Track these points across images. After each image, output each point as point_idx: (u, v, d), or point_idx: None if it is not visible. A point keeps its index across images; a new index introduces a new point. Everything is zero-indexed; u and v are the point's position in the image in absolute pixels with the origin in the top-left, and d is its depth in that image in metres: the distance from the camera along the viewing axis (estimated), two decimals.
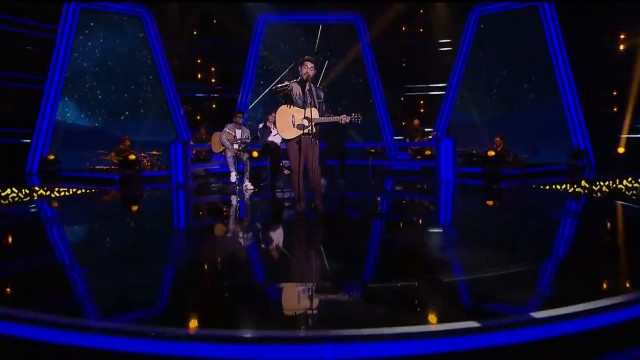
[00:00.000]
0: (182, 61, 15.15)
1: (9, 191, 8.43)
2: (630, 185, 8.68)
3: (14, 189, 8.60)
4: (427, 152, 12.37)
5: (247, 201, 7.61)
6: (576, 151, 11.77)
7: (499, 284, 3.04)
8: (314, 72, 5.29)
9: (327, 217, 5.51)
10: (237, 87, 14.93)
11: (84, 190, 9.15)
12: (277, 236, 4.91)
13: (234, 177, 8.85)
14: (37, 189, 9.09)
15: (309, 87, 5.19)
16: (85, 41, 13.58)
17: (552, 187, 8.56)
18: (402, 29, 16.00)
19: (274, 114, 6.87)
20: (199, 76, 16.08)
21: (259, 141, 9.03)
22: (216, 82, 16.19)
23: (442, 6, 14.95)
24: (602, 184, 8.74)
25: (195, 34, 15.35)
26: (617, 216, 5.93)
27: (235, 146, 8.77)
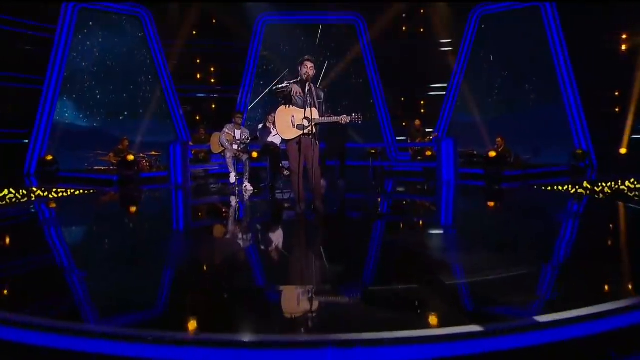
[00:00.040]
0: (181, 61, 15.10)
1: (7, 192, 8.38)
2: (632, 186, 8.62)
3: (12, 190, 8.55)
4: (428, 153, 12.33)
5: (247, 202, 7.58)
6: (578, 152, 11.72)
7: (502, 286, 3.01)
8: (314, 72, 5.27)
9: (327, 219, 5.48)
10: (237, 88, 14.89)
11: (82, 191, 9.11)
12: (277, 238, 4.88)
13: (233, 178, 8.83)
14: (34, 189, 9.03)
15: (309, 87, 5.16)
16: (84, 41, 13.56)
17: (553, 188, 8.50)
18: (403, 28, 15.97)
19: (273, 114, 6.86)
20: (198, 76, 16.04)
21: (259, 142, 9.01)
22: (215, 82, 16.15)
23: (443, 6, 14.90)
24: (604, 185, 8.69)
25: (194, 33, 15.30)
26: (620, 218, 5.89)
27: (234, 147, 8.74)
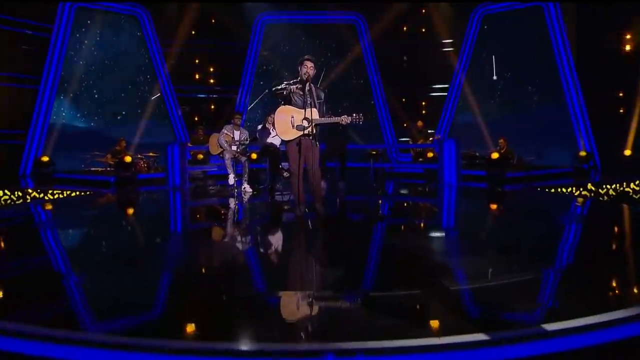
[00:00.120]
0: (180, 61, 15.03)
1: (1, 193, 8.30)
2: (637, 188, 8.50)
3: (7, 191, 8.50)
4: (430, 155, 12.24)
5: (246, 204, 7.52)
6: (581, 154, 11.63)
7: (507, 292, 2.93)
8: (314, 72, 5.23)
9: (327, 221, 5.42)
10: (236, 88, 14.82)
11: (78, 192, 9.04)
12: (276, 241, 4.82)
13: (232, 180, 8.79)
14: (30, 191, 8.97)
15: (309, 88, 5.13)
16: (81, 41, 13.48)
17: (557, 190, 8.41)
18: (404, 29, 15.89)
19: (273, 115, 6.74)
20: (197, 77, 15.98)
21: (258, 143, 8.96)
22: (214, 82, 16.09)
23: (445, 6, 14.82)
24: (608, 187, 8.58)
25: (193, 33, 15.22)
26: (627, 221, 5.80)
27: (233, 148, 8.71)
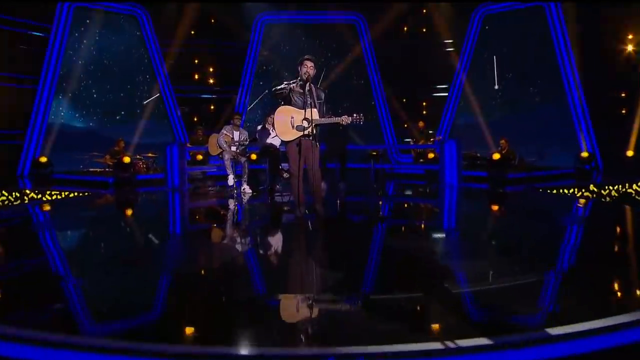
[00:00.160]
0: (179, 61, 14.97)
1: None
2: None
3: (4, 192, 8.46)
4: (431, 155, 12.16)
5: (245, 205, 7.48)
6: (583, 154, 11.56)
7: (510, 295, 2.89)
8: (314, 72, 5.19)
9: (327, 222, 5.38)
10: (236, 88, 14.76)
11: (76, 193, 8.99)
12: (276, 242, 4.78)
13: (231, 181, 8.76)
14: (28, 192, 8.91)
15: (309, 88, 5.08)
16: (80, 41, 13.41)
17: (559, 191, 8.34)
18: (404, 29, 15.83)
19: (272, 116, 6.67)
20: (197, 77, 15.91)
21: (258, 143, 8.92)
22: (214, 83, 16.02)
23: (445, 6, 14.75)
24: (611, 188, 8.52)
25: (192, 33, 15.16)
26: (630, 222, 5.74)
27: (233, 148, 8.68)
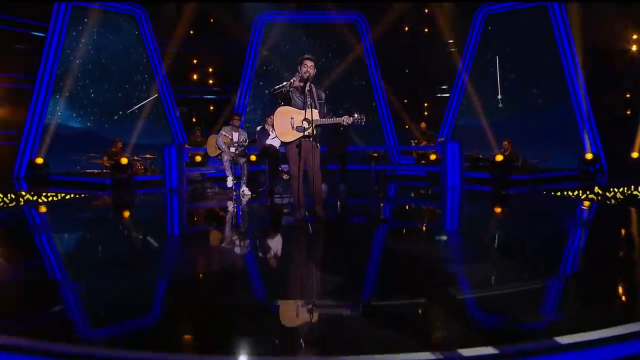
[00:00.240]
0: (178, 61, 14.88)
1: None
2: None
3: None
4: (432, 157, 12.06)
5: (244, 207, 7.41)
6: (587, 156, 11.45)
7: (516, 302, 2.80)
8: (315, 71, 5.11)
9: (328, 225, 5.30)
10: (235, 89, 14.67)
11: (73, 195, 8.94)
12: (275, 245, 4.70)
13: (230, 182, 8.71)
14: (23, 193, 8.82)
15: (309, 88, 4.99)
16: (77, 40, 13.32)
17: (563, 193, 8.24)
18: (405, 29, 15.72)
19: (272, 116, 6.56)
20: (196, 77, 15.82)
21: (257, 144, 8.83)
22: (213, 83, 15.92)
23: (447, 6, 14.64)
24: (616, 190, 8.41)
25: (191, 33, 15.07)
26: (638, 225, 5.66)
27: (232, 149, 8.65)
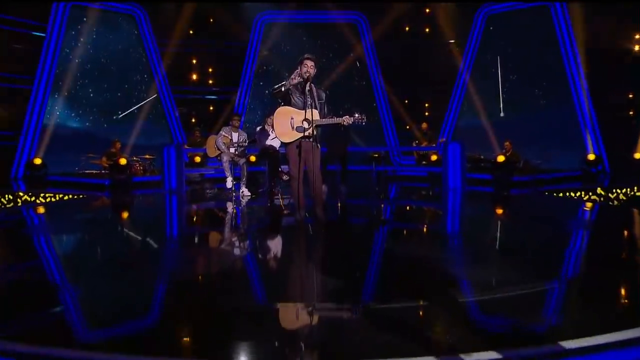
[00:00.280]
0: (178, 61, 14.83)
1: None
2: None
3: None
4: (434, 157, 11.99)
5: (244, 208, 7.36)
6: (590, 157, 11.38)
7: (521, 305, 2.74)
8: (315, 71, 5.03)
9: (328, 226, 5.23)
10: (235, 89, 14.61)
11: (71, 195, 8.89)
12: (275, 247, 4.64)
13: (230, 183, 8.65)
14: (21, 194, 8.75)
15: (309, 88, 4.93)
16: (76, 40, 13.27)
17: (565, 194, 8.17)
18: (406, 29, 15.67)
19: (272, 116, 6.49)
20: (195, 77, 15.76)
21: (257, 145, 8.75)
22: (213, 83, 15.86)
23: (448, 6, 14.57)
24: (619, 191, 8.33)
25: (191, 33, 15.01)
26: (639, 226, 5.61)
27: (231, 150, 8.58)
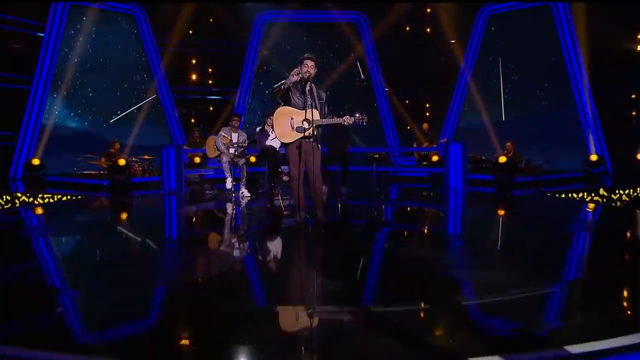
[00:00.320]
0: (177, 61, 14.78)
1: None
2: None
3: None
4: (435, 158, 11.92)
5: (243, 209, 7.32)
6: (592, 158, 11.32)
7: (524, 308, 2.70)
8: (315, 71, 4.98)
9: (328, 228, 5.18)
10: (235, 89, 14.56)
11: (70, 196, 8.85)
12: (274, 249, 4.60)
13: (229, 184, 8.61)
14: (19, 195, 8.71)
15: (309, 88, 4.88)
16: (75, 40, 13.20)
17: (567, 195, 8.11)
18: (407, 28, 15.62)
19: (272, 117, 6.44)
20: (195, 77, 15.72)
21: (257, 145, 8.69)
22: (213, 83, 15.82)
23: (449, 6, 14.52)
24: (621, 192, 8.28)
25: (190, 33, 14.97)
26: None
27: (231, 150, 8.53)
